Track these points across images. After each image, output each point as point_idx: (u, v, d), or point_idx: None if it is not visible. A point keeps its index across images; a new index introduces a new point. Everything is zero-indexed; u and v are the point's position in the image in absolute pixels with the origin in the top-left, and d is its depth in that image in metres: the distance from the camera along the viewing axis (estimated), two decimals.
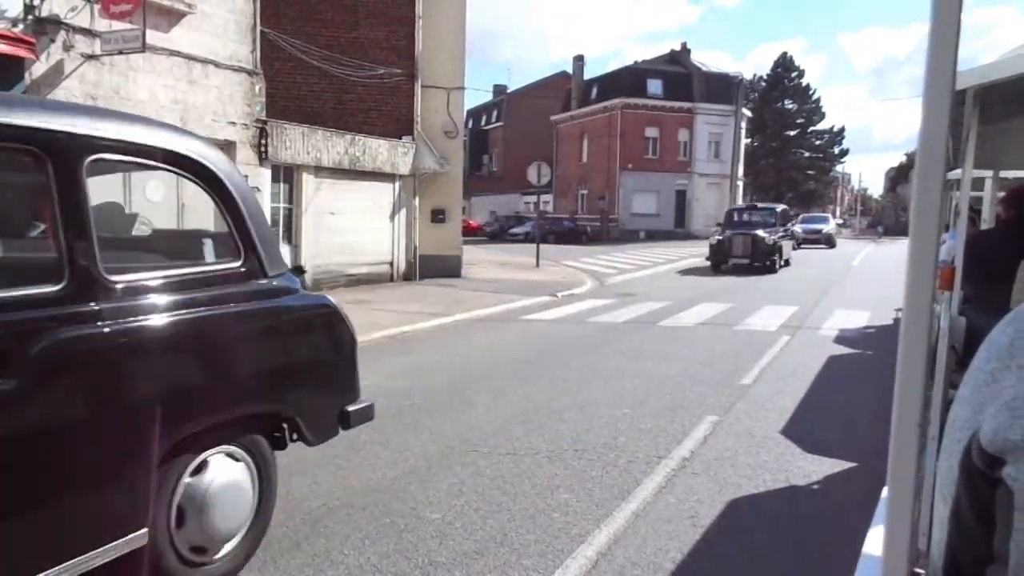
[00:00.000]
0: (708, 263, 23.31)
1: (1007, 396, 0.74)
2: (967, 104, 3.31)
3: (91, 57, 10.33)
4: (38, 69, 9.72)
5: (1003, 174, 6.69)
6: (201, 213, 13.52)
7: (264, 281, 3.58)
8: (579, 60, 54.85)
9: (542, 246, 24.64)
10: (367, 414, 4.15)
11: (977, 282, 4.49)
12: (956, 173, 6.36)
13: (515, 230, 43.82)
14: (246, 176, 13.05)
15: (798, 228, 34.34)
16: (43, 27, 9.75)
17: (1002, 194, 5.97)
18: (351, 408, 4.02)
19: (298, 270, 3.98)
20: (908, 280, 0.87)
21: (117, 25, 10.40)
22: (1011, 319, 0.79)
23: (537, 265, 22.82)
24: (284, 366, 3.67)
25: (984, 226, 6.88)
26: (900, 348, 0.88)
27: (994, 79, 2.91)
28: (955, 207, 7.42)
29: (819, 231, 39.00)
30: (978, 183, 7.80)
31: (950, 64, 0.81)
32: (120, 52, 10.39)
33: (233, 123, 12.85)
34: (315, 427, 3.85)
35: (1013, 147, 5.23)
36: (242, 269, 3.49)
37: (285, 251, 14.85)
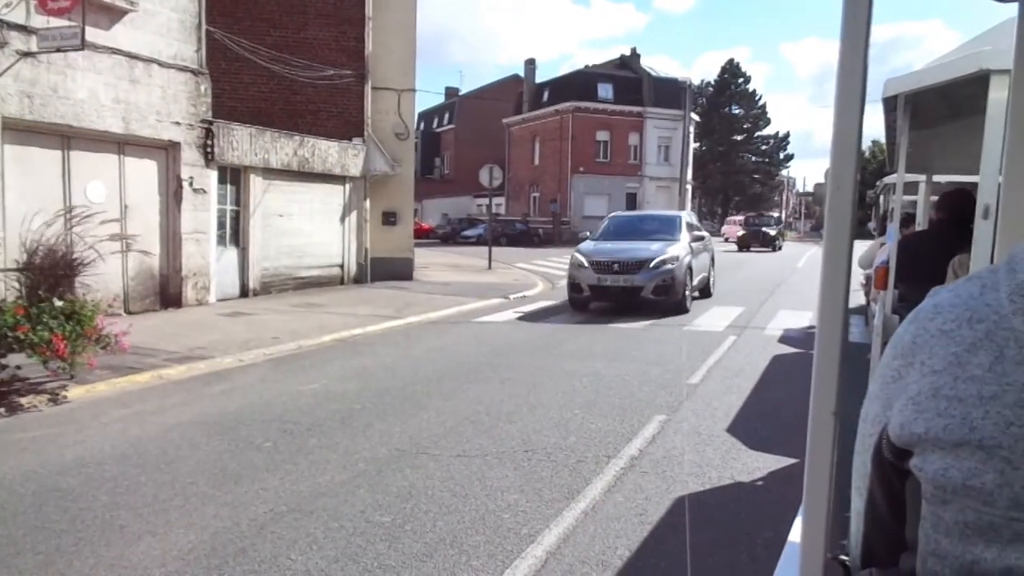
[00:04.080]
0: None
1: (912, 392, 0.77)
2: (898, 110, 3.43)
3: (27, 54, 10.00)
4: None
5: (936, 178, 6.93)
6: (145, 212, 13.23)
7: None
8: (531, 64, 55.03)
9: (494, 248, 24.68)
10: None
11: (910, 281, 4.65)
12: (892, 178, 6.56)
13: (467, 233, 43.78)
14: (190, 177, 12.83)
15: (581, 256, 13.63)
16: None
17: (935, 198, 6.19)
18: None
19: None
20: (823, 276, 0.90)
21: (55, 22, 10.10)
22: (912, 318, 0.83)
23: (489, 267, 22.84)
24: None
25: (917, 228, 7.12)
26: (816, 341, 0.91)
27: (922, 86, 3.02)
28: (890, 210, 7.67)
29: (637, 265, 13.18)
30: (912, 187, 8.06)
31: (859, 68, 0.85)
32: (58, 50, 10.08)
33: (178, 123, 12.57)
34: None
35: (944, 152, 5.43)
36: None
37: (232, 254, 14.59)
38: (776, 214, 52.02)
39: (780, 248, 39.76)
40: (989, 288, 0.77)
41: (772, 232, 40.27)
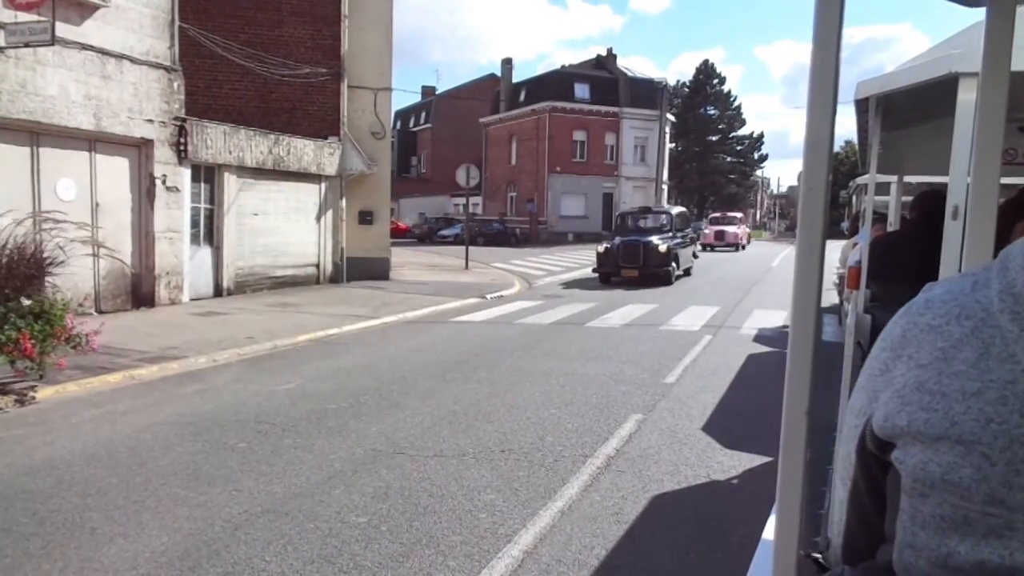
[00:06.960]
0: None
1: (897, 384, 0.78)
2: (870, 112, 3.47)
3: None
4: None
5: (907, 178, 7.03)
6: (115, 210, 13.06)
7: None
8: (508, 63, 55.01)
9: (471, 248, 24.64)
10: None
11: (883, 281, 4.71)
12: (865, 178, 6.64)
13: (444, 232, 43.68)
14: (163, 175, 12.65)
15: None
16: None
17: (907, 198, 6.27)
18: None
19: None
20: (796, 276, 0.91)
21: (24, 16, 9.92)
22: (904, 312, 0.84)
23: (466, 267, 22.80)
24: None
25: (889, 228, 7.20)
26: (790, 342, 0.92)
27: (893, 88, 3.06)
28: (862, 210, 7.76)
29: None
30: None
31: (831, 70, 0.86)
32: (27, 45, 9.91)
33: (150, 121, 12.41)
34: None
35: (915, 153, 5.51)
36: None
37: (206, 253, 14.43)
38: (678, 210, 23.20)
39: (685, 275, 21.01)
40: (980, 285, 0.78)
41: (663, 247, 19.12)
